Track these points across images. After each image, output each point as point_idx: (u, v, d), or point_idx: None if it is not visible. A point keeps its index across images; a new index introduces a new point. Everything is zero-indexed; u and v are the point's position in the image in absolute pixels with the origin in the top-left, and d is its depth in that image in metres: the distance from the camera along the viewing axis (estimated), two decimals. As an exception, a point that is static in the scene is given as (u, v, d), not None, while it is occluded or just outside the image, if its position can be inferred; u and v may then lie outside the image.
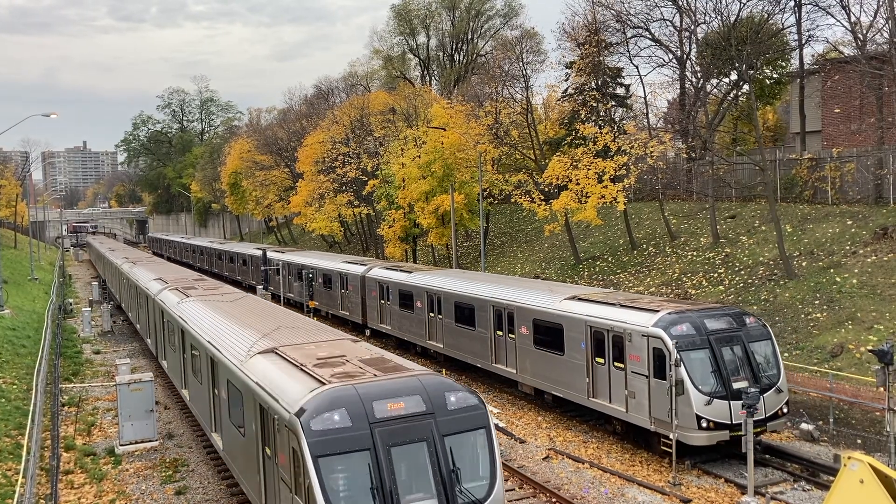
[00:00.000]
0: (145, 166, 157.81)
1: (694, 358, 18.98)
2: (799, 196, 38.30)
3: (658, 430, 19.61)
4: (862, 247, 30.59)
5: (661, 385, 19.21)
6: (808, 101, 43.28)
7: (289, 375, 14.12)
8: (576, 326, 22.35)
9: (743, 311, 20.89)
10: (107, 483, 19.81)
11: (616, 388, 20.95)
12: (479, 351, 28.09)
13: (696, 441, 18.85)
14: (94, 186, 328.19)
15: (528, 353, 24.95)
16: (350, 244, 73.80)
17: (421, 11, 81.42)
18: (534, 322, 24.47)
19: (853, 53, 37.43)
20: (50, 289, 62.82)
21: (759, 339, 20.05)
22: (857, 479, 11.97)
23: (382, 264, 39.85)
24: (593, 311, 22.05)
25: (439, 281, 31.39)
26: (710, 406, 18.67)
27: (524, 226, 55.52)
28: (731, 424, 18.65)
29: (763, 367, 19.72)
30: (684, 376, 18.57)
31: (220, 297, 26.56)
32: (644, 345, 19.75)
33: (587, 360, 21.98)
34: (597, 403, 21.85)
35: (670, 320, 19.61)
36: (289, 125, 78.90)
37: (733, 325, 19.97)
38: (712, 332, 19.51)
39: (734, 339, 19.65)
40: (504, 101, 45.74)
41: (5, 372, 29.44)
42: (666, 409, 18.99)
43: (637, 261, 39.79)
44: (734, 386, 18.90)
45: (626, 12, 43.85)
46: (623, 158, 38.06)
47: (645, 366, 19.77)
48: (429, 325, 31.85)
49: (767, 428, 19.38)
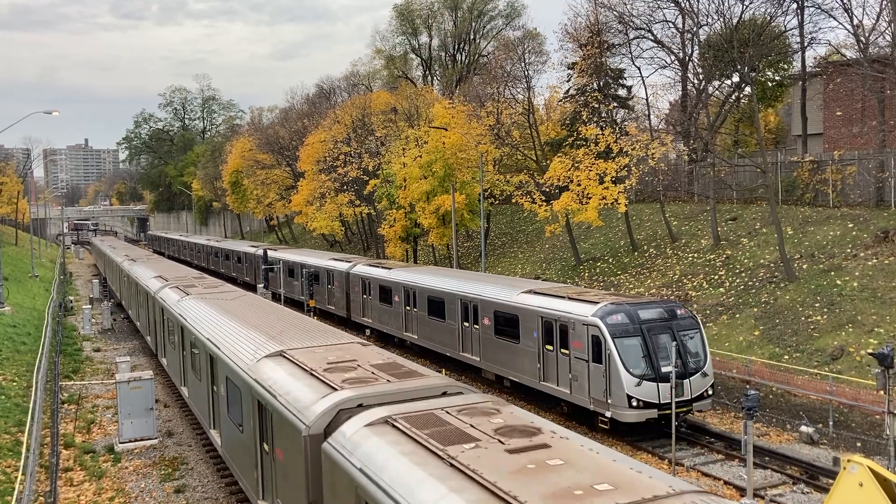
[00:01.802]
0: (147, 164, 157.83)
1: (627, 344, 20.98)
2: (800, 199, 38.29)
3: (596, 410, 21.61)
4: (863, 250, 30.58)
5: (598, 368, 21.33)
6: (809, 103, 43.27)
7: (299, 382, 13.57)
8: (530, 317, 24.35)
9: (675, 304, 22.94)
10: (106, 481, 19.81)
11: (562, 372, 22.99)
12: (448, 341, 30.10)
13: (628, 418, 20.81)
14: (95, 184, 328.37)
15: (489, 342, 26.96)
16: (351, 244, 73.82)
17: (423, 11, 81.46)
18: (495, 314, 26.50)
19: (855, 56, 37.41)
20: (50, 286, 62.86)
21: (689, 328, 21.98)
22: (857, 482, 11.97)
23: (366, 261, 41.55)
24: (545, 303, 24.01)
25: (414, 277, 33.44)
26: (639, 387, 20.68)
27: (525, 226, 55.52)
28: (660, 404, 20.68)
29: (691, 354, 21.60)
30: (616, 360, 20.69)
31: (221, 296, 26.51)
32: (584, 332, 21.79)
33: (539, 347, 23.99)
34: (546, 387, 23.80)
35: (607, 311, 21.60)
36: (290, 124, 78.92)
37: (665, 316, 21.91)
38: (644, 322, 21.46)
39: (665, 329, 21.56)
40: (506, 102, 45.76)
41: (5, 369, 29.45)
42: (602, 390, 21.18)
43: (638, 262, 39.78)
44: (663, 370, 20.67)
45: (628, 13, 43.92)
46: (624, 160, 38.06)
47: (585, 351, 21.83)
48: (405, 317, 33.81)
49: (693, 408, 21.37)
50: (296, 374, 14.10)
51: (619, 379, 20.69)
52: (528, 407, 24.83)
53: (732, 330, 29.55)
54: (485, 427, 10.26)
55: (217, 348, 18.25)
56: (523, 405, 24.85)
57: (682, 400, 20.86)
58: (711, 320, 30.87)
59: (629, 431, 21.90)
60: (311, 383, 13.28)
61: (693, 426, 22.63)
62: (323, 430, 11.71)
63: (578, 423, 23.06)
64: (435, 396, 12.34)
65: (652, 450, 21.17)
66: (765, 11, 40.96)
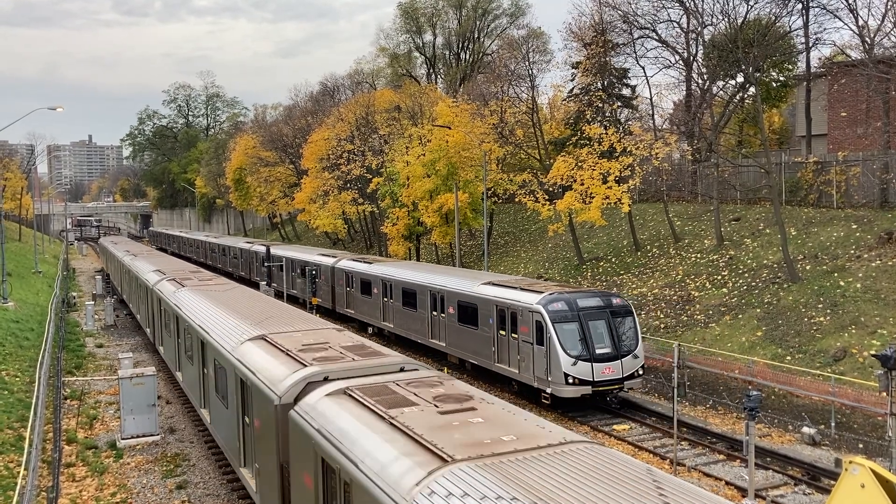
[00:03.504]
0: (150, 161, 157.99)
1: (565, 329, 23.49)
2: (804, 199, 38.23)
3: (539, 387, 24.08)
4: (866, 251, 30.52)
5: (541, 350, 23.84)
6: (814, 104, 43.18)
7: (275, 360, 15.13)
8: (486, 306, 26.89)
9: (611, 293, 25.67)
10: (108, 476, 19.85)
11: (512, 354, 25.51)
12: (419, 329, 32.59)
13: (565, 394, 23.30)
14: (98, 180, 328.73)
15: (453, 329, 29.47)
16: (354, 242, 73.87)
17: (427, 10, 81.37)
18: (458, 303, 29.00)
19: (860, 57, 37.32)
20: (53, 282, 62.97)
21: (623, 315, 24.45)
22: (859, 484, 11.96)
23: (350, 257, 44.07)
24: (499, 293, 26.51)
25: (391, 271, 35.95)
26: (575, 366, 23.17)
27: (528, 225, 55.49)
28: (593, 381, 23.30)
29: (623, 338, 24.05)
30: (556, 342, 23.23)
31: (213, 288, 27.93)
32: (530, 318, 24.30)
33: (494, 332, 26.50)
34: (499, 368, 26.35)
35: (549, 299, 24.07)
36: (294, 122, 78.95)
37: (601, 304, 24.40)
38: (582, 309, 23.95)
39: (600, 315, 24.07)
40: (509, 101, 45.73)
41: (8, 364, 29.52)
42: (544, 370, 23.71)
43: (640, 262, 39.75)
44: (597, 351, 23.46)
45: (632, 13, 43.85)
46: (628, 159, 38.02)
47: (531, 335, 24.30)
48: (383, 308, 36.24)
49: (625, 386, 24.00)
50: (274, 354, 15.61)
51: (557, 359, 23.21)
52: (483, 387, 26.85)
53: (735, 330, 29.53)
54: (426, 395, 11.94)
55: (207, 334, 19.77)
56: (480, 385, 27.27)
57: (615, 378, 23.64)
58: (714, 320, 30.85)
59: (568, 406, 24.41)
60: (285, 361, 14.78)
61: (624, 402, 25.08)
62: (292, 400, 13.12)
63: (527, 400, 25.29)
64: (392, 372, 14.01)
65: (651, 448, 21.19)
66: (770, 12, 40.90)
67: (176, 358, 25.92)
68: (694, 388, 25.97)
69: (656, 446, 21.50)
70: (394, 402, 11.58)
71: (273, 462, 13.60)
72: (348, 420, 11.14)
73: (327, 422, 11.40)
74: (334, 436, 10.94)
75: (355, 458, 10.13)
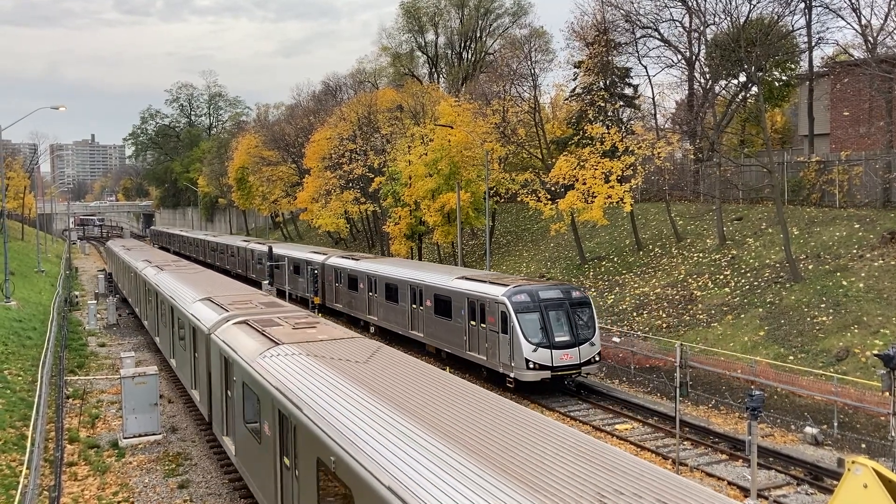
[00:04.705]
0: (153, 160, 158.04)
1: (527, 318, 25.48)
2: (806, 199, 38.18)
3: (504, 372, 26.15)
4: (869, 251, 30.47)
5: (505, 338, 25.87)
6: (816, 103, 43.13)
7: (211, 310, 21.89)
8: (459, 298, 28.92)
9: (571, 286, 27.44)
10: (110, 476, 19.86)
11: (481, 343, 27.59)
12: (400, 321, 34.51)
13: (527, 378, 25.33)
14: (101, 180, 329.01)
15: (430, 321, 31.48)
16: (356, 241, 73.86)
17: (430, 9, 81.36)
18: (434, 296, 30.97)
19: (863, 56, 37.27)
20: (56, 281, 63.05)
21: (581, 306, 26.40)
22: (861, 484, 11.94)
23: (339, 254, 46.09)
24: (471, 286, 28.44)
25: (376, 267, 37.78)
26: (536, 353, 25.15)
27: (530, 225, 55.47)
28: (552, 367, 25.27)
29: (581, 327, 26.01)
30: (518, 331, 25.23)
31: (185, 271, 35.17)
32: (496, 309, 26.32)
33: (465, 323, 28.53)
34: (470, 355, 28.44)
35: (513, 291, 26.07)
36: (296, 121, 78.98)
37: (561, 296, 26.31)
38: (543, 300, 25.89)
39: (560, 306, 26.03)
40: (511, 100, 45.68)
41: (11, 363, 29.55)
42: (508, 356, 25.78)
43: (643, 261, 39.72)
44: (556, 339, 25.40)
45: (635, 12, 43.82)
46: (630, 159, 37.99)
47: (497, 325, 26.32)
48: (368, 302, 38.17)
49: (582, 371, 26.08)
50: (212, 307, 22.35)
51: (519, 346, 25.21)
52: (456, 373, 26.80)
53: (737, 330, 29.50)
54: (292, 322, 18.61)
55: (174, 300, 26.58)
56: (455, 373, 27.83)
57: (573, 364, 25.62)
58: (716, 320, 30.82)
59: (530, 390, 26.30)
60: (217, 310, 21.63)
61: (581, 385, 27.12)
62: (215, 329, 19.63)
63: (494, 384, 27.03)
64: (282, 314, 20.28)
65: (653, 448, 21.16)
66: (772, 11, 40.80)
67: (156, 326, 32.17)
68: (696, 388, 25.94)
69: (658, 446, 21.48)
70: (268, 323, 18.44)
71: (203, 367, 20.90)
72: (237, 333, 18.01)
73: (227, 336, 18.21)
74: (228, 342, 17.79)
75: (237, 349, 16.90)
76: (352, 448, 9.91)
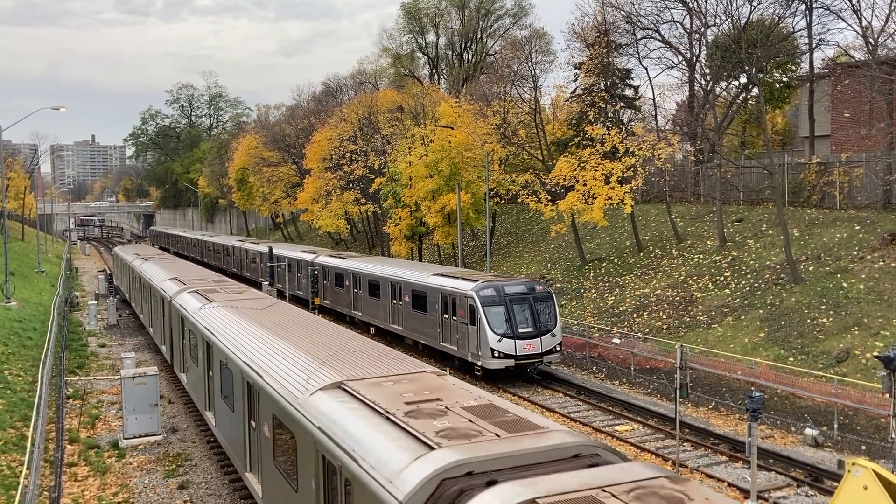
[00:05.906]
0: (153, 161, 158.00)
1: (493, 311, 27.47)
2: (807, 200, 38.18)
3: (473, 361, 28.15)
4: (869, 252, 30.47)
5: (473, 329, 27.91)
6: (817, 105, 43.13)
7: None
8: (434, 293, 30.84)
9: (534, 281, 29.76)
10: (110, 476, 19.86)
11: (453, 334, 29.50)
12: (382, 316, 36.34)
13: (492, 366, 27.31)
14: (101, 180, 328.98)
15: (409, 315, 33.38)
16: (356, 242, 73.85)
17: (430, 10, 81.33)
18: (412, 292, 32.83)
19: (864, 58, 37.28)
20: (56, 281, 63.05)
21: (544, 300, 28.32)
22: (861, 486, 11.94)
23: (328, 253, 48.15)
24: (444, 282, 30.45)
25: (361, 265, 39.67)
26: (500, 343, 27.11)
27: (530, 226, 55.46)
28: (516, 356, 27.22)
29: (543, 319, 27.85)
30: (485, 322, 27.20)
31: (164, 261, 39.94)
32: (466, 303, 28.36)
33: (439, 316, 30.44)
34: (444, 346, 30.36)
35: (480, 286, 28.12)
36: (297, 122, 78.98)
37: (525, 291, 28.28)
38: (508, 295, 27.88)
39: (524, 300, 27.96)
40: (512, 101, 45.66)
41: (11, 364, 29.55)
42: (476, 346, 27.78)
43: (643, 263, 39.71)
44: (520, 330, 27.35)
45: (635, 13, 43.80)
46: (630, 160, 37.98)
47: (466, 317, 28.32)
48: (353, 299, 40.06)
49: (543, 360, 28.02)
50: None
51: (486, 337, 27.16)
52: (430, 363, 29.54)
53: (738, 331, 29.49)
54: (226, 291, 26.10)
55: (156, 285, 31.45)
56: (429, 361, 30.48)
57: (535, 353, 27.51)
58: (717, 322, 30.82)
59: (495, 377, 28.14)
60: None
61: (543, 373, 28.91)
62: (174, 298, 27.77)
63: (465, 373, 28.62)
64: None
65: (653, 449, 21.16)
66: (773, 12, 40.82)
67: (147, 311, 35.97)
68: (696, 390, 25.93)
69: (659, 447, 21.47)
70: (210, 292, 22.97)
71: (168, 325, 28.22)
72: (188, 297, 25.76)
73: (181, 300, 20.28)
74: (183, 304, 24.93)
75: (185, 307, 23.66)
76: (238, 352, 17.07)
